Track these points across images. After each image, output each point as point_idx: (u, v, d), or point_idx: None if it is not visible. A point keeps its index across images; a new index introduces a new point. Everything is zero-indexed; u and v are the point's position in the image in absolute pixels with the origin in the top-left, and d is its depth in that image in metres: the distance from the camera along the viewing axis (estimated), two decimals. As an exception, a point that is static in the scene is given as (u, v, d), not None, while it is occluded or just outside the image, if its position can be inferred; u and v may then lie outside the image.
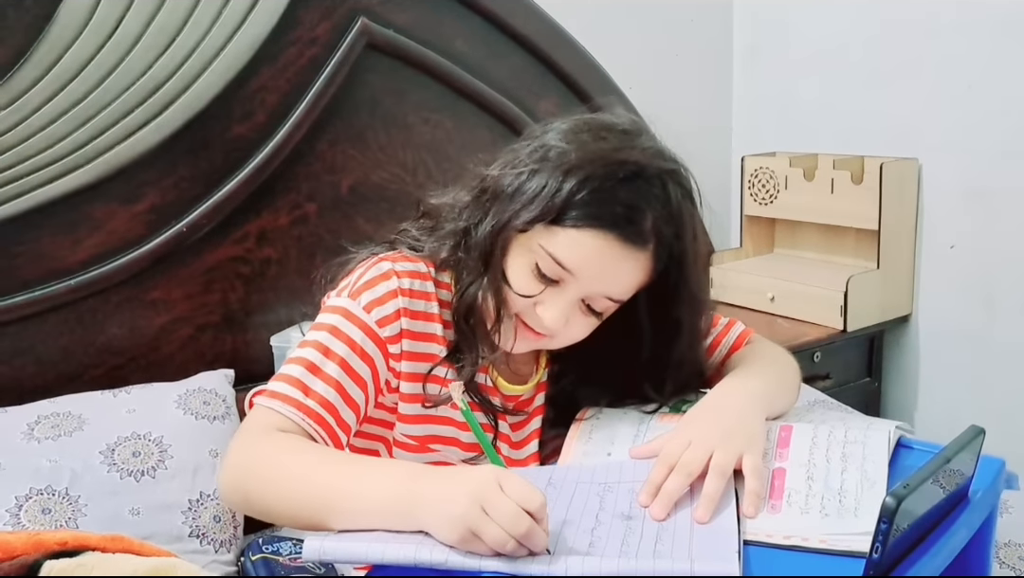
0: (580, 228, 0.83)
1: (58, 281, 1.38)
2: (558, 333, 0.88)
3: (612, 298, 0.87)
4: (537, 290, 0.85)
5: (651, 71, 2.07)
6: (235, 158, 1.49)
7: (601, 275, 0.85)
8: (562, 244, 0.83)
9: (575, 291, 0.85)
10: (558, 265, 0.84)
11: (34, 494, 1.14)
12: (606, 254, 0.83)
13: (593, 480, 0.79)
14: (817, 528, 0.71)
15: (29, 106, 1.33)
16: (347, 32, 1.55)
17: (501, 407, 0.95)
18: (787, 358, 1.01)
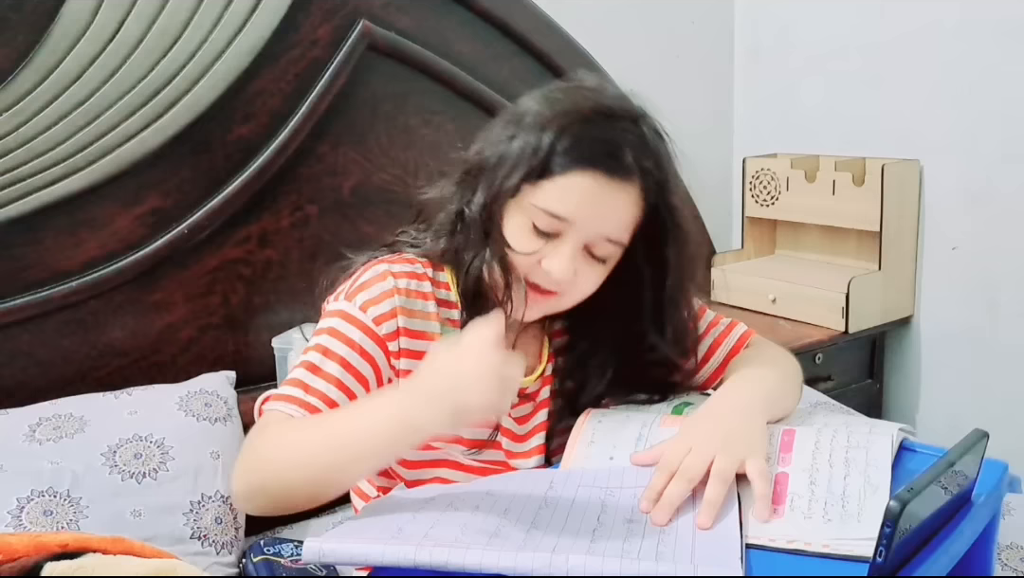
0: (567, 174, 0.85)
1: (60, 283, 1.38)
2: (567, 285, 0.88)
3: (611, 239, 0.88)
4: (538, 246, 0.87)
5: (652, 72, 2.06)
6: (236, 160, 1.49)
7: (595, 214, 0.87)
8: (552, 195, 0.86)
9: (575, 238, 0.87)
10: (553, 217, 0.86)
11: (35, 496, 1.14)
12: (596, 192, 0.86)
13: (595, 484, 0.79)
14: (820, 533, 0.71)
15: (31, 109, 1.33)
16: (348, 34, 1.55)
17: None
18: (789, 360, 1.01)
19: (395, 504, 0.80)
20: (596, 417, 0.93)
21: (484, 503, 0.76)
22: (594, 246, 0.88)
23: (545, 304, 0.91)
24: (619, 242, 0.89)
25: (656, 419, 0.91)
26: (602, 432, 0.90)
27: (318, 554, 0.68)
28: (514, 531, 0.70)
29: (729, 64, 2.24)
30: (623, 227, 0.89)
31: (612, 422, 0.92)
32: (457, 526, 0.71)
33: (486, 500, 0.77)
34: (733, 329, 1.05)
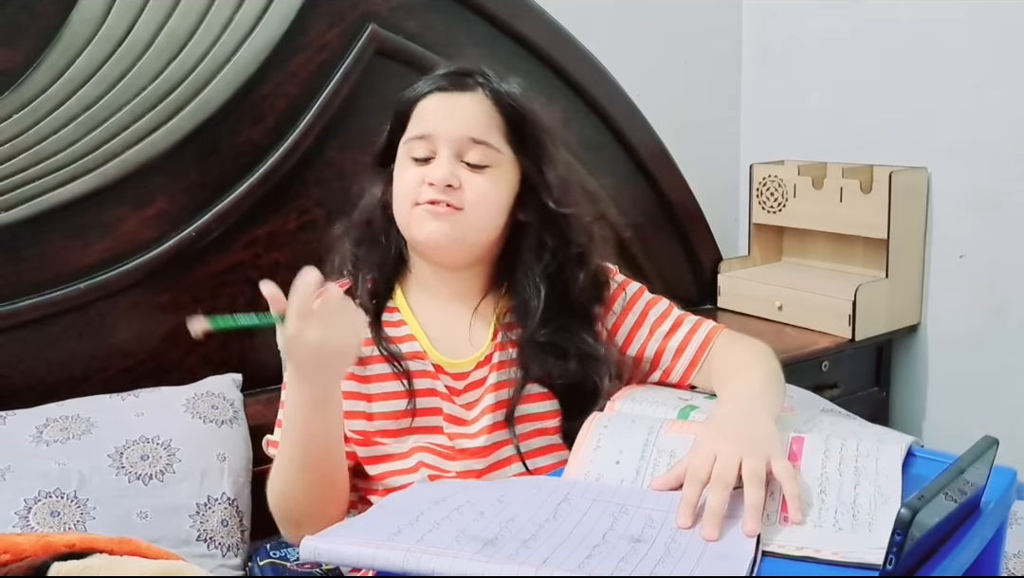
0: (416, 106, 1.00)
1: (68, 285, 1.39)
2: (449, 183, 0.96)
3: (476, 139, 0.98)
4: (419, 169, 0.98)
5: (660, 79, 2.07)
6: (245, 163, 1.50)
7: (448, 119, 0.98)
8: (411, 128, 1.00)
9: (444, 149, 0.97)
10: (417, 139, 0.99)
11: (43, 497, 1.14)
12: (442, 104, 1.00)
13: (612, 500, 0.78)
14: (830, 541, 0.70)
15: (41, 111, 1.33)
16: (357, 38, 1.55)
17: (445, 386, 1.01)
18: (766, 352, 1.04)
19: (408, 501, 0.80)
20: (602, 422, 0.93)
21: (492, 509, 0.76)
22: (466, 152, 0.98)
23: (449, 219, 0.97)
24: (486, 143, 0.98)
25: (662, 424, 0.91)
26: (608, 437, 0.90)
27: (314, 553, 0.69)
28: (511, 541, 0.70)
29: (737, 70, 2.24)
30: (482, 126, 0.99)
31: (618, 427, 0.92)
32: (455, 531, 0.71)
33: (495, 506, 0.77)
34: (700, 325, 1.08)
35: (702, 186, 2.05)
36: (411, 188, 0.98)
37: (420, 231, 0.98)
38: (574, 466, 0.87)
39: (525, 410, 1.01)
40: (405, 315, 1.05)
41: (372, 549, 0.67)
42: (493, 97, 1.00)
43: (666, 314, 1.09)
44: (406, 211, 0.99)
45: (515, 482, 0.88)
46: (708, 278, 2.07)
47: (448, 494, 0.81)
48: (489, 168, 0.99)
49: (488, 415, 1.00)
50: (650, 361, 1.07)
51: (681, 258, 2.05)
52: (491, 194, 0.99)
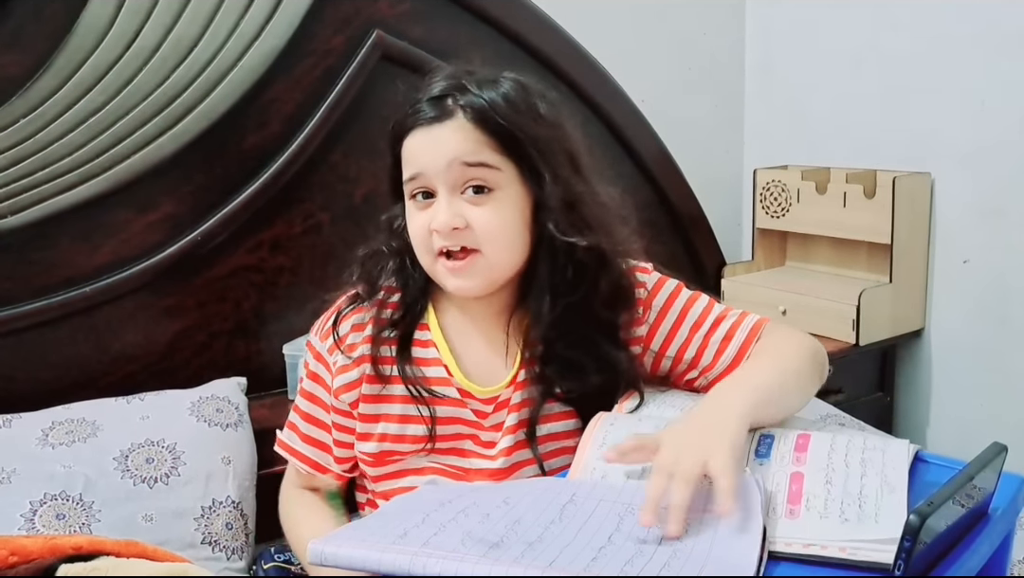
0: (403, 144, 0.95)
1: (74, 288, 1.39)
2: (453, 227, 0.91)
3: (468, 161, 0.91)
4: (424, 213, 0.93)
5: (664, 84, 2.08)
6: (250, 168, 1.50)
7: (434, 155, 0.92)
8: (404, 168, 0.95)
9: (440, 188, 0.92)
10: (410, 181, 0.94)
11: (48, 499, 1.14)
12: (424, 139, 0.93)
13: (618, 500, 0.78)
14: (837, 534, 0.70)
15: (48, 115, 1.34)
16: (362, 44, 1.56)
17: (473, 412, 0.98)
18: (803, 350, 0.97)
19: (415, 503, 0.80)
20: (608, 420, 0.93)
21: (498, 511, 0.76)
22: (462, 178, 0.91)
23: (471, 267, 0.93)
24: (479, 163, 0.91)
25: (667, 423, 0.91)
26: (614, 435, 0.90)
27: (320, 557, 0.69)
28: (517, 543, 0.70)
29: (740, 76, 2.24)
30: (470, 149, 0.91)
31: (624, 425, 0.92)
32: (461, 534, 0.71)
33: (501, 508, 0.77)
34: (744, 320, 1.02)
35: (706, 191, 2.05)
36: (424, 236, 0.94)
37: (447, 286, 0.96)
38: (579, 464, 0.87)
39: (547, 429, 0.98)
40: (435, 336, 1.00)
41: (378, 553, 0.67)
42: (474, 117, 0.92)
43: (707, 312, 1.02)
44: (429, 262, 0.95)
45: (521, 483, 0.89)
46: (712, 283, 2.07)
47: (454, 496, 0.81)
48: (493, 192, 0.92)
49: (508, 436, 0.97)
50: (689, 361, 1.01)
51: (685, 263, 2.05)
52: (502, 223, 0.93)
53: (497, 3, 1.69)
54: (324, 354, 1.02)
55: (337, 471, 1.04)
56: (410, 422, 0.98)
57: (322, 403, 1.03)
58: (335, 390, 1.00)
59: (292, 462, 1.06)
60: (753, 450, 0.82)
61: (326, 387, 1.02)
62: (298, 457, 1.05)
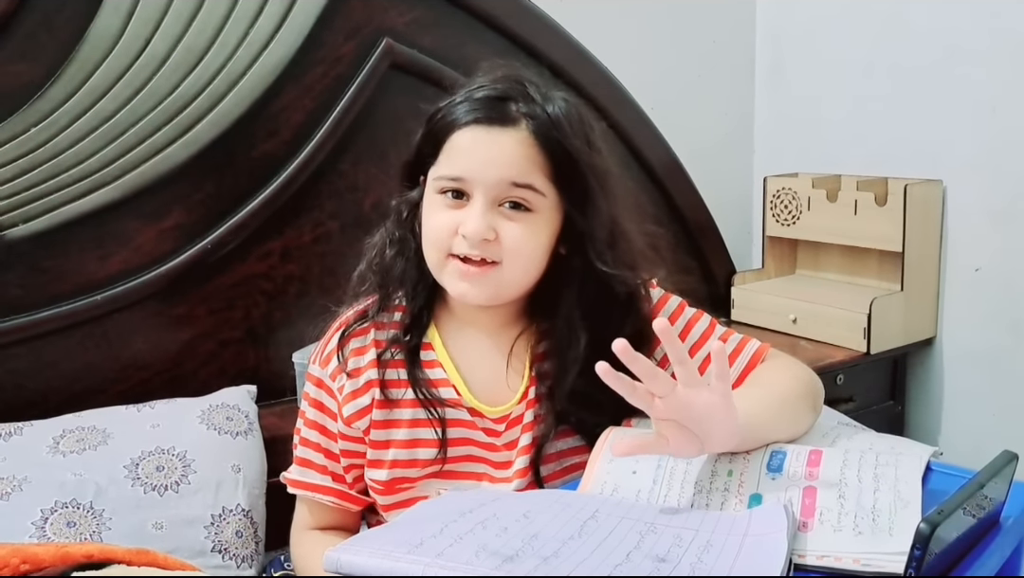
0: (450, 136, 0.89)
1: (85, 296, 1.40)
2: (483, 238, 0.87)
3: (517, 182, 0.88)
4: (452, 216, 0.89)
5: (673, 91, 2.08)
6: (260, 176, 1.51)
7: (485, 163, 0.87)
8: (443, 162, 0.89)
9: (480, 194, 0.88)
10: (449, 180, 0.88)
11: (59, 507, 1.15)
12: (479, 141, 0.88)
13: (641, 517, 0.77)
14: (851, 546, 0.70)
15: (59, 124, 1.35)
16: (371, 52, 1.57)
17: (483, 431, 0.96)
18: (801, 383, 0.96)
19: (434, 511, 0.80)
20: (617, 435, 0.93)
21: (516, 524, 0.75)
22: (504, 196, 0.88)
23: (486, 278, 0.90)
24: (527, 185, 0.88)
25: None
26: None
27: (336, 565, 0.69)
28: (531, 557, 0.69)
29: (750, 83, 2.24)
30: (523, 169, 0.88)
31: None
32: (476, 546, 0.70)
33: (520, 521, 0.76)
34: (745, 346, 1.01)
35: (716, 199, 2.05)
36: (443, 236, 0.90)
37: (452, 288, 0.92)
38: (590, 477, 0.86)
39: (559, 446, 0.96)
40: (440, 355, 0.98)
41: (391, 562, 0.67)
42: (537, 134, 0.88)
43: (707, 335, 1.01)
44: (438, 260, 0.91)
45: (544, 496, 0.87)
46: (722, 291, 2.06)
47: (475, 505, 0.80)
48: (530, 213, 0.89)
49: (523, 457, 0.95)
50: None
51: (695, 271, 2.05)
52: (530, 243, 0.90)
53: (506, 11, 1.69)
54: (327, 380, 0.98)
55: (356, 495, 1.01)
56: (419, 446, 0.96)
57: (330, 433, 0.99)
58: (347, 418, 0.97)
59: (313, 498, 1.00)
60: (765, 465, 0.82)
61: (332, 415, 0.98)
62: (320, 491, 1.00)
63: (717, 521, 0.74)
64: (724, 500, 0.78)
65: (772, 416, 0.87)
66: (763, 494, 0.78)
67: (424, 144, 0.93)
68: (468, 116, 0.89)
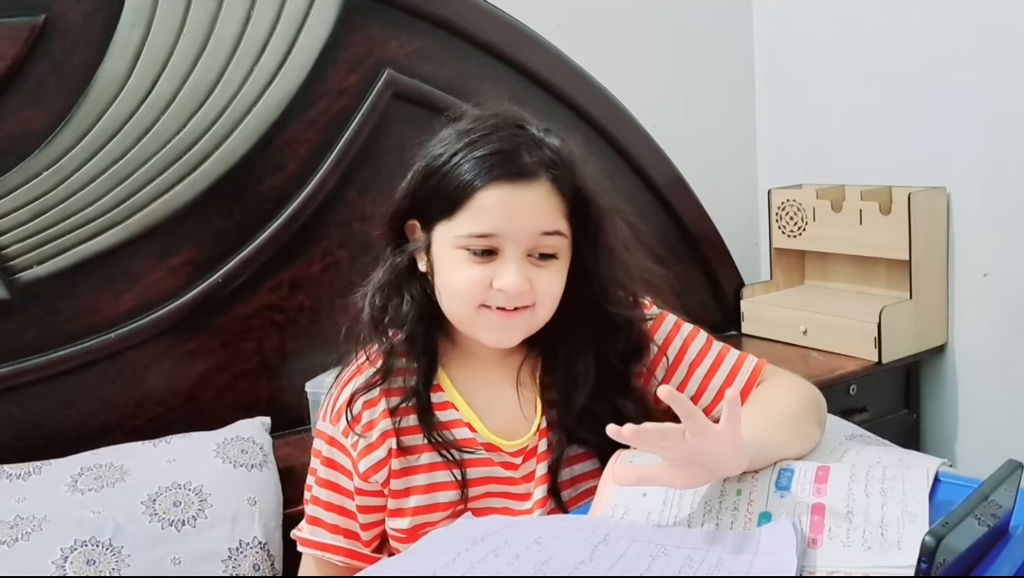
0: (476, 195, 0.88)
1: (99, 334, 1.42)
2: (530, 294, 0.89)
3: (547, 231, 0.90)
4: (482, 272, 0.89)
5: (674, 108, 2.09)
6: (268, 209, 1.53)
7: (518, 217, 0.88)
8: (472, 219, 0.88)
9: (513, 248, 0.89)
10: (482, 237, 0.88)
11: (79, 546, 1.16)
12: (509, 199, 0.88)
13: (651, 540, 0.77)
14: (861, 561, 0.70)
15: (70, 166, 1.37)
16: (374, 84, 1.59)
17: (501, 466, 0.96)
18: (802, 399, 0.96)
19: (448, 539, 0.80)
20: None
21: (528, 551, 0.76)
22: (536, 247, 0.90)
23: (520, 322, 0.91)
24: (556, 232, 0.90)
25: None
26: None
27: None
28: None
29: (751, 97, 2.25)
30: (551, 219, 0.90)
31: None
32: (489, 574, 0.71)
33: (532, 548, 0.76)
34: (744, 363, 1.02)
35: (721, 213, 2.06)
36: (476, 291, 0.90)
37: (486, 338, 0.92)
38: (601, 501, 0.87)
39: (575, 471, 0.97)
40: (451, 396, 0.98)
41: None
42: (559, 184, 0.91)
43: (705, 351, 1.02)
44: (468, 313, 0.91)
45: (555, 521, 0.88)
46: (731, 305, 2.07)
47: (487, 533, 0.81)
48: (556, 258, 0.92)
49: (541, 486, 0.96)
50: (695, 389, 1.00)
51: (703, 286, 2.05)
52: (557, 285, 0.93)
53: (505, 38, 1.71)
54: (339, 438, 0.98)
55: (368, 554, 1.01)
56: (439, 489, 0.96)
57: (344, 490, 0.99)
58: (364, 473, 0.97)
59: (324, 557, 1.01)
60: (773, 483, 0.82)
61: (346, 473, 0.99)
62: (330, 550, 1.01)
63: (727, 541, 0.74)
64: (734, 519, 0.79)
65: (781, 437, 0.87)
66: (772, 512, 0.78)
67: (432, 198, 0.91)
68: (488, 175, 0.88)
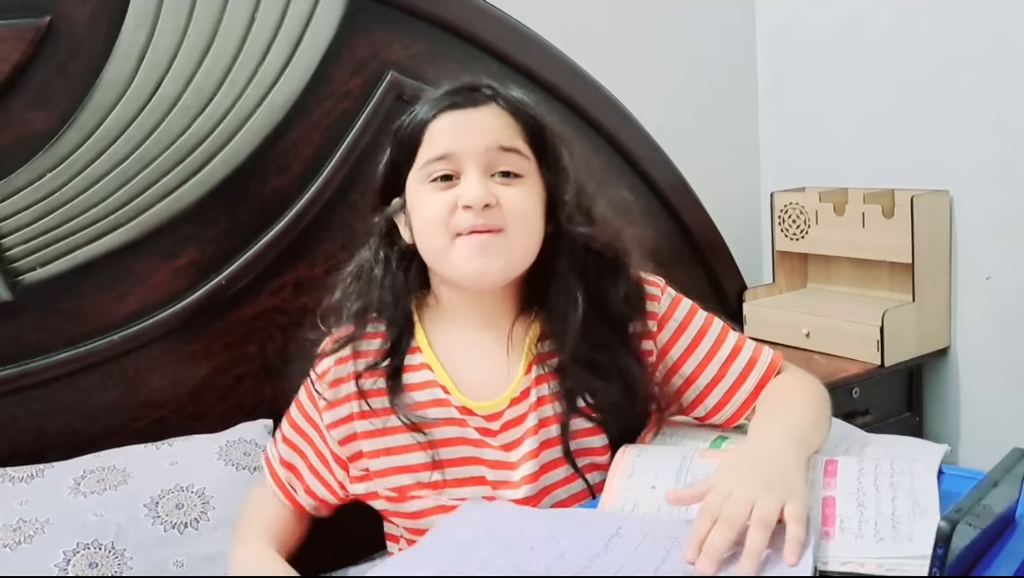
0: (426, 129, 0.94)
1: (102, 336, 1.41)
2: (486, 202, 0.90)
3: (504, 146, 0.93)
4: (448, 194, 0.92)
5: (677, 112, 2.09)
6: (272, 211, 1.53)
7: (470, 135, 0.92)
8: (425, 151, 0.93)
9: (472, 164, 0.92)
10: (438, 160, 0.92)
11: (81, 548, 1.15)
12: (459, 121, 0.93)
13: (665, 533, 0.78)
14: (874, 552, 0.71)
15: (73, 168, 1.37)
16: (377, 86, 1.59)
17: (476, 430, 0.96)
18: (818, 390, 0.99)
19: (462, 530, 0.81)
20: (635, 452, 0.94)
21: (542, 544, 0.76)
22: (495, 163, 0.93)
23: (496, 245, 0.92)
24: (515, 149, 0.94)
25: (695, 451, 0.92)
26: (642, 465, 0.90)
27: None
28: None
29: (753, 100, 2.25)
30: (505, 134, 0.94)
31: (651, 455, 0.92)
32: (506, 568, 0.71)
33: (546, 541, 0.77)
34: (760, 356, 1.02)
35: (724, 216, 2.06)
36: (443, 215, 0.91)
37: (467, 267, 0.92)
38: (609, 495, 0.87)
39: (576, 445, 0.96)
40: (427, 356, 0.99)
41: None
42: (510, 108, 0.96)
43: (722, 339, 1.02)
44: (443, 243, 0.92)
45: (567, 514, 0.88)
46: (734, 308, 2.07)
47: (500, 521, 0.81)
48: (521, 178, 0.94)
49: (530, 462, 0.95)
50: (699, 392, 1.00)
51: (706, 288, 2.05)
52: (529, 206, 0.94)
53: (509, 40, 1.71)
54: (312, 388, 1.07)
55: (302, 502, 1.07)
56: (411, 451, 0.97)
57: (304, 434, 1.07)
58: (326, 425, 1.03)
59: (266, 478, 1.12)
60: None
61: (313, 424, 1.06)
62: (273, 476, 1.11)
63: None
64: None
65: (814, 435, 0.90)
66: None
67: (397, 156, 0.98)
68: (439, 105, 0.94)
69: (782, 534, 0.72)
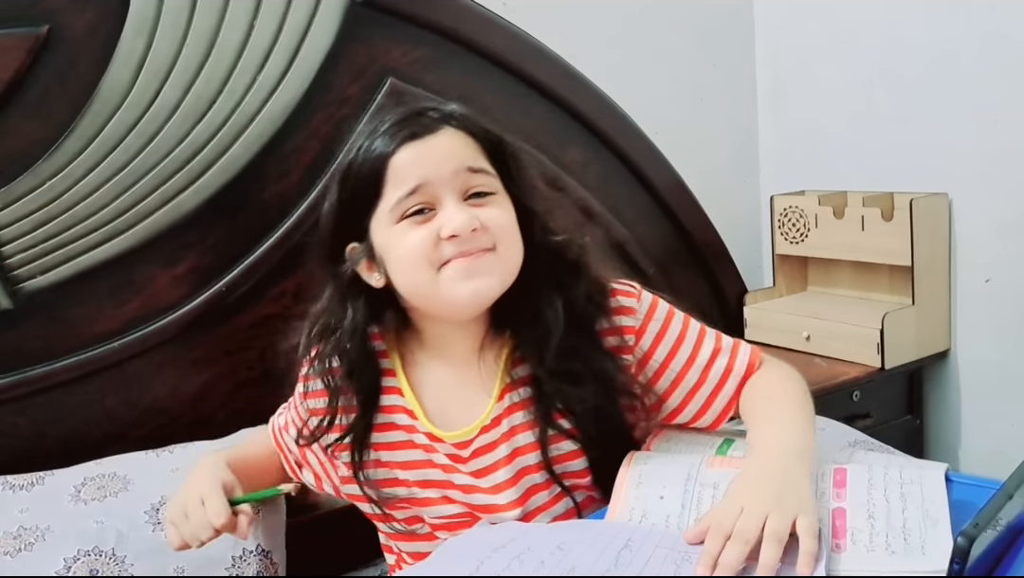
0: (387, 166, 0.88)
1: (103, 344, 1.42)
2: (473, 228, 0.88)
3: (472, 167, 0.90)
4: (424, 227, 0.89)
5: (676, 116, 2.09)
6: (271, 218, 1.53)
7: (436, 162, 0.89)
8: (393, 188, 0.89)
9: (448, 195, 0.89)
10: (412, 194, 0.88)
11: (82, 555, 1.16)
12: (420, 151, 0.89)
13: (675, 546, 0.77)
14: (886, 566, 0.70)
15: (73, 176, 1.37)
16: (376, 92, 1.59)
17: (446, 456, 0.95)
18: (798, 385, 0.97)
19: (470, 547, 0.80)
20: (641, 459, 0.92)
21: (552, 557, 0.75)
22: (467, 186, 0.90)
23: (488, 264, 0.89)
24: (481, 169, 0.91)
25: (703, 459, 0.91)
26: (649, 473, 0.89)
27: None
28: None
29: (752, 104, 2.25)
30: (470, 155, 0.91)
31: (658, 463, 0.91)
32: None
33: (555, 554, 0.76)
34: (739, 355, 1.01)
35: (723, 220, 2.06)
36: (425, 250, 0.88)
37: (461, 291, 0.89)
38: (617, 504, 0.86)
39: (558, 469, 0.95)
40: (400, 381, 0.98)
41: None
42: (464, 127, 0.92)
43: (699, 344, 0.99)
44: (429, 278, 0.89)
45: (575, 526, 0.87)
46: (734, 311, 2.07)
47: (508, 539, 0.80)
48: (494, 195, 0.92)
49: (504, 468, 0.94)
50: (681, 398, 0.99)
51: (706, 292, 2.05)
52: (511, 221, 0.92)
53: (508, 47, 1.71)
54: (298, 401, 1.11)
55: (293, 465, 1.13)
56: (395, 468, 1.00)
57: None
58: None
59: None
60: None
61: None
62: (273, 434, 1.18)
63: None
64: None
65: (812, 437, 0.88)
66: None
67: (355, 197, 0.92)
68: (396, 138, 0.89)
69: (794, 548, 0.72)
